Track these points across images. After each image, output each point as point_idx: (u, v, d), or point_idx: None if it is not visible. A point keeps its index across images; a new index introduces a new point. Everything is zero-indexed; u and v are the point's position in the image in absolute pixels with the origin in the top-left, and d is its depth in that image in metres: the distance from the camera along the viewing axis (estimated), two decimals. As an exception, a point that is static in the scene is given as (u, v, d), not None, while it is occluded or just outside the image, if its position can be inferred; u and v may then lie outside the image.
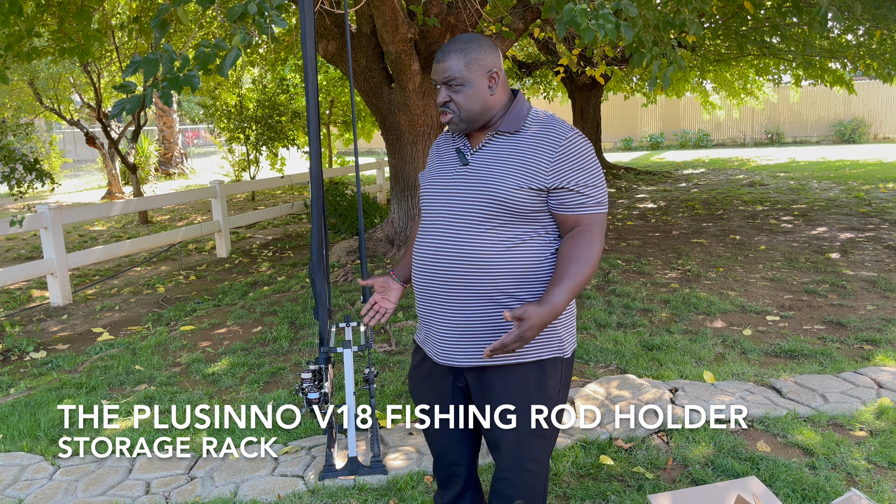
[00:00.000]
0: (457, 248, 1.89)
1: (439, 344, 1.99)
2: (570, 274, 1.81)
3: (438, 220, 1.94)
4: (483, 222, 1.87)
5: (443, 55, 1.90)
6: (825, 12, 4.36)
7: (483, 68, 1.89)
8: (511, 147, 1.90)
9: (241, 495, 2.88)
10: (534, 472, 2.00)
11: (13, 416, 3.78)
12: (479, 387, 1.99)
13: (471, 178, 1.90)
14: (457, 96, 1.90)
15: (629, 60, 4.60)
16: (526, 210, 1.86)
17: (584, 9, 3.26)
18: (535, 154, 1.86)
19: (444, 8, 6.37)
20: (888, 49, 9.32)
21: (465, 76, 1.88)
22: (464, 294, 1.89)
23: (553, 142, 1.86)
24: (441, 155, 2.04)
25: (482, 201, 1.87)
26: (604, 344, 4.43)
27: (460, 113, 1.91)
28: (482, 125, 1.94)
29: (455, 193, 1.92)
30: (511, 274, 1.87)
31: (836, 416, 3.29)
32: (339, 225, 9.01)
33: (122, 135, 13.43)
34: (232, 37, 2.81)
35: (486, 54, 1.90)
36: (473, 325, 1.91)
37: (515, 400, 1.94)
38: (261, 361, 4.50)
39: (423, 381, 2.13)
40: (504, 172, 1.86)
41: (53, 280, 6.44)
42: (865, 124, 22.99)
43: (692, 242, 7.66)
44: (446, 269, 1.91)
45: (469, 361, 1.95)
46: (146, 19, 5.99)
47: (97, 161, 19.48)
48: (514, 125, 1.91)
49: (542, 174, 1.85)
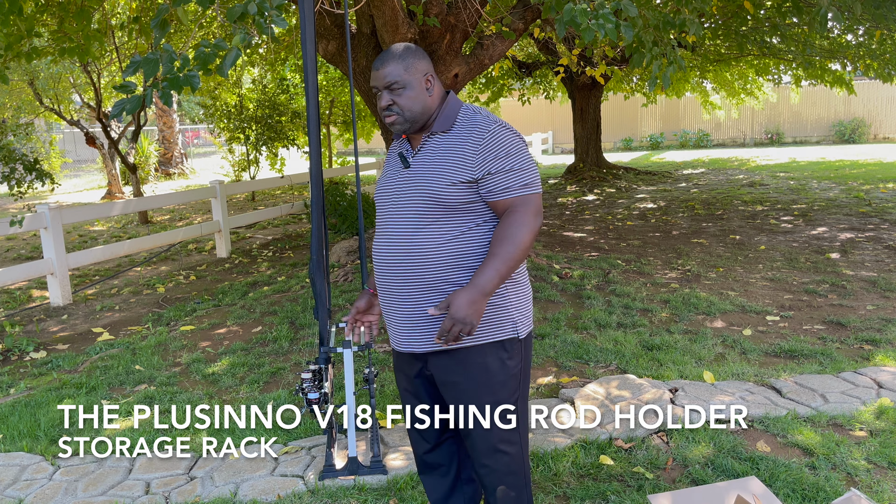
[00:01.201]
0: (402, 244, 2.02)
1: (398, 333, 2.11)
2: (496, 254, 1.93)
3: (387, 220, 2.08)
4: (422, 217, 2.00)
5: (382, 63, 2.03)
6: (825, 12, 4.36)
7: (420, 72, 2.04)
8: (443, 145, 2.03)
9: (241, 495, 2.88)
10: (509, 453, 2.09)
11: (13, 416, 3.78)
12: (441, 373, 2.08)
13: (410, 179, 2.04)
14: (399, 99, 2.02)
15: (629, 60, 4.60)
16: (459, 203, 1.98)
17: (584, 9, 3.26)
18: (462, 149, 1.99)
19: (444, 8, 6.37)
20: (888, 49, 9.32)
21: (406, 79, 2.02)
22: (411, 284, 2.02)
23: (476, 135, 1.98)
24: (390, 161, 2.18)
25: (419, 198, 2.00)
26: (604, 344, 4.43)
27: (404, 114, 2.03)
28: (421, 125, 2.06)
29: (398, 194, 2.06)
30: (451, 263, 1.99)
31: (836, 416, 3.29)
32: (339, 225, 9.01)
33: (122, 135, 13.43)
34: (232, 37, 2.81)
35: (420, 60, 2.05)
36: (421, 313, 2.02)
37: (475, 383, 2.04)
38: (261, 361, 4.50)
39: (401, 373, 2.23)
40: (436, 170, 2.00)
41: (53, 280, 6.44)
42: (865, 124, 22.99)
43: (692, 242, 7.66)
44: (395, 263, 2.04)
45: (423, 347, 2.05)
46: (146, 19, 5.99)
47: (97, 161, 19.48)
48: (445, 124, 2.05)
49: (469, 167, 1.97)
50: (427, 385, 2.17)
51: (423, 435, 2.25)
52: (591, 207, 10.85)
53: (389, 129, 2.08)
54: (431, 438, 2.25)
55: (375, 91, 2.06)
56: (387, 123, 2.06)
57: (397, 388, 2.31)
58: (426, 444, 2.26)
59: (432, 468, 2.30)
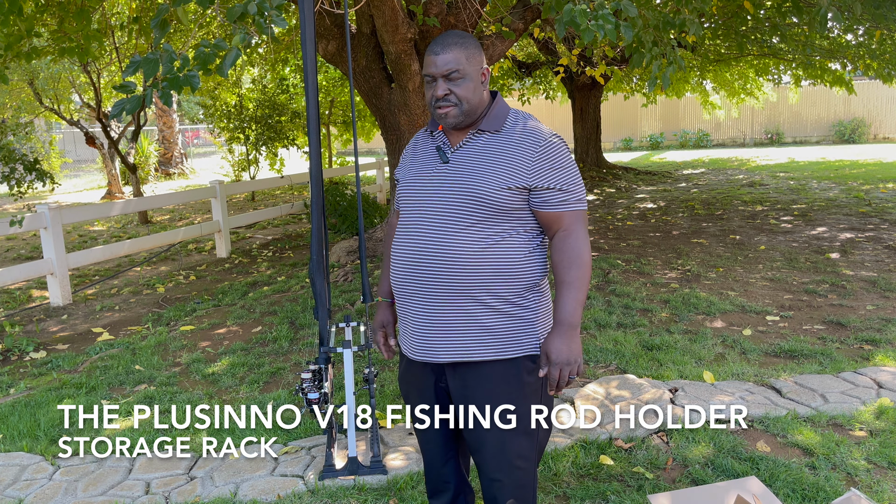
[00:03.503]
0: (438, 245, 1.90)
1: (418, 340, 1.99)
2: (568, 282, 1.87)
3: (419, 218, 1.95)
4: (463, 219, 1.89)
5: (442, 48, 1.89)
6: (825, 12, 4.36)
7: (479, 63, 1.94)
8: (492, 146, 1.93)
9: (240, 495, 2.88)
10: (522, 468, 2.01)
11: (13, 416, 3.78)
12: (460, 385, 1.99)
13: (451, 176, 1.93)
14: (458, 89, 1.90)
15: (629, 60, 4.60)
16: (505, 208, 1.89)
17: (584, 9, 3.26)
18: (517, 154, 1.90)
19: (444, 8, 6.37)
20: (888, 49, 9.32)
21: (466, 69, 1.90)
22: (445, 291, 1.91)
23: (533, 142, 1.91)
24: (418, 154, 2.05)
25: (462, 199, 1.89)
26: (604, 344, 4.43)
27: (462, 105, 1.91)
28: (472, 121, 1.96)
29: (435, 191, 1.94)
30: (491, 271, 1.89)
31: (836, 416, 3.29)
32: (339, 225, 9.01)
33: (121, 135, 13.43)
34: (232, 37, 2.81)
35: (480, 52, 1.96)
36: (454, 322, 1.93)
37: (495, 397, 1.95)
38: (261, 361, 4.50)
39: (411, 386, 2.13)
40: (485, 171, 1.90)
41: (53, 280, 6.44)
42: (865, 124, 22.99)
43: (692, 242, 7.66)
44: (427, 267, 1.92)
45: (448, 357, 1.95)
46: (146, 19, 5.99)
47: (97, 161, 19.48)
48: (494, 124, 1.95)
49: (523, 173, 1.89)
50: (439, 398, 2.07)
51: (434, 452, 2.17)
52: (591, 207, 10.85)
53: (439, 121, 1.95)
54: (443, 457, 2.17)
55: (428, 80, 1.93)
56: (438, 115, 1.93)
57: (403, 399, 2.21)
58: (439, 462, 2.18)
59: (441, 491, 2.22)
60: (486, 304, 1.91)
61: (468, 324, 1.92)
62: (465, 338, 1.93)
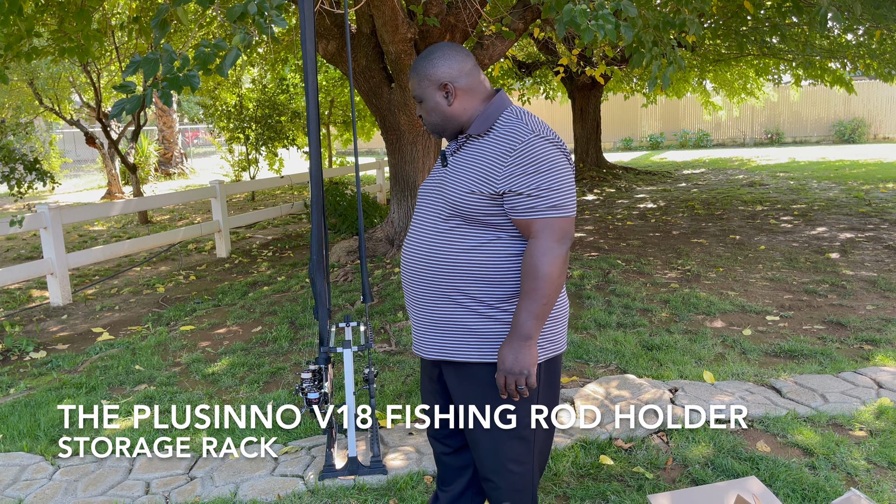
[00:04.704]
0: (420, 245, 1.97)
1: (414, 335, 2.08)
2: (524, 292, 1.82)
3: (415, 220, 2.04)
4: (442, 223, 1.93)
5: (410, 73, 2.02)
6: (825, 12, 4.36)
7: (433, 83, 1.95)
8: (474, 150, 1.93)
9: (240, 495, 2.88)
10: (517, 472, 2.00)
11: (13, 416, 3.78)
12: (455, 384, 2.01)
13: (440, 181, 1.98)
14: (420, 110, 2.02)
15: (629, 60, 4.60)
16: (476, 213, 1.87)
17: (584, 9, 3.26)
18: (491, 158, 1.87)
19: (444, 8, 6.37)
20: (888, 49, 9.32)
21: (419, 93, 1.98)
22: (426, 290, 1.96)
23: (508, 146, 1.85)
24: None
25: (440, 203, 1.94)
26: (604, 344, 4.43)
27: (427, 125, 2.03)
28: (454, 132, 2.00)
29: (428, 194, 2.02)
30: (470, 274, 1.90)
31: (836, 416, 3.30)
32: (339, 225, 9.01)
33: (121, 135, 13.43)
34: (232, 37, 2.82)
35: (437, 68, 1.94)
36: (435, 320, 1.97)
37: (488, 400, 1.95)
38: (261, 361, 4.50)
39: (425, 382, 2.17)
40: (456, 175, 1.92)
41: (53, 280, 6.44)
42: (865, 124, 22.99)
43: (692, 242, 7.66)
44: (413, 267, 1.99)
45: (433, 354, 2.00)
46: (146, 19, 5.99)
47: (97, 161, 19.48)
48: (481, 127, 1.93)
49: (494, 179, 1.84)
50: (444, 390, 2.10)
51: (442, 439, 2.18)
52: (591, 207, 10.85)
53: None
54: (452, 443, 2.17)
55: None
56: None
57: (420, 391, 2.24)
58: (447, 447, 2.18)
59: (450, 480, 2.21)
60: (467, 306, 1.91)
61: (450, 325, 1.94)
62: (448, 338, 1.95)
